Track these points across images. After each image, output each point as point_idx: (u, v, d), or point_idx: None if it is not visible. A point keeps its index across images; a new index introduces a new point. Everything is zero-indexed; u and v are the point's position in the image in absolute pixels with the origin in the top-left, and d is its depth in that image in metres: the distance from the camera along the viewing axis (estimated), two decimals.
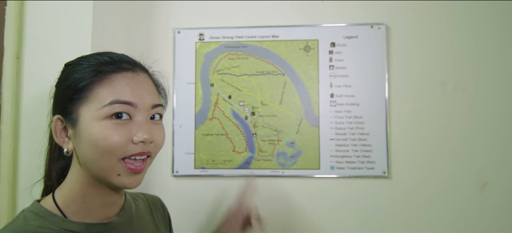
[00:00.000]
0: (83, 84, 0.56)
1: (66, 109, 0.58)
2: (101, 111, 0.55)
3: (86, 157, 0.57)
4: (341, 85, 1.13)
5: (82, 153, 0.57)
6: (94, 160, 0.56)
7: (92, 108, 0.56)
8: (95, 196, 0.60)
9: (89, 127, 0.55)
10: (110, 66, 0.58)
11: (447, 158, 1.10)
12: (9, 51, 0.97)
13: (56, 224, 0.56)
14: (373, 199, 1.11)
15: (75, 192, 0.59)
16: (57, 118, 0.58)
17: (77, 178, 0.59)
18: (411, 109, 1.12)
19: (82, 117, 0.56)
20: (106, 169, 0.56)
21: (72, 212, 0.58)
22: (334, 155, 1.12)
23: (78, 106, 0.56)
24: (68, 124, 0.58)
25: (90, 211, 0.60)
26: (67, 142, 0.59)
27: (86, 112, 0.56)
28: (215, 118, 1.15)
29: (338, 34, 1.14)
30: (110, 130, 0.55)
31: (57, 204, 0.58)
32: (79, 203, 0.59)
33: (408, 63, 1.12)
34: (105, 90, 0.56)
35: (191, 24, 1.17)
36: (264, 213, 1.13)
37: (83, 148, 0.56)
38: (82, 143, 0.56)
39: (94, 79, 0.57)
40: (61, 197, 0.59)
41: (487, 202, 1.09)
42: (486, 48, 1.11)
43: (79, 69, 0.58)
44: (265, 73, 1.14)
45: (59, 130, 0.59)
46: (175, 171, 1.15)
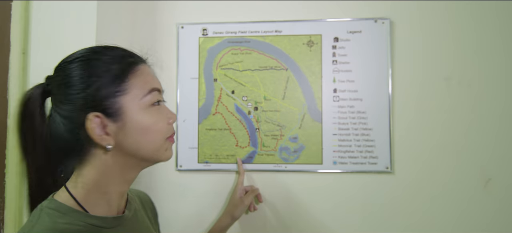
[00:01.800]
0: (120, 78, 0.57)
1: (103, 105, 0.56)
2: (144, 100, 0.59)
3: (135, 145, 0.58)
4: (344, 80, 1.13)
5: (129, 143, 0.58)
6: (145, 145, 0.59)
7: (134, 98, 0.58)
8: (117, 184, 0.61)
9: (139, 117, 0.58)
10: (131, 58, 0.61)
11: (451, 153, 1.10)
12: (15, 47, 0.98)
13: (80, 220, 0.55)
14: (375, 194, 1.11)
15: (98, 184, 0.58)
16: (95, 116, 0.56)
17: (104, 170, 0.58)
18: (415, 104, 1.11)
19: (127, 109, 0.57)
20: (157, 150, 0.61)
21: (91, 206, 0.58)
22: (337, 150, 1.12)
23: (118, 99, 0.57)
24: (109, 119, 0.56)
25: (108, 203, 0.60)
26: (107, 139, 0.57)
27: (129, 103, 0.57)
28: (218, 113, 1.16)
29: (341, 29, 1.14)
30: (156, 116, 0.61)
31: (76, 200, 0.57)
32: (99, 195, 0.59)
33: (412, 58, 1.12)
34: (139, 80, 0.59)
35: (195, 19, 1.18)
36: (267, 207, 1.15)
37: (132, 137, 0.58)
38: (130, 134, 0.58)
39: (128, 70, 0.59)
40: (80, 192, 0.58)
41: (491, 198, 1.08)
42: (491, 43, 1.10)
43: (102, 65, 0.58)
44: (268, 68, 1.15)
45: (99, 127, 0.57)
46: (179, 166, 1.16)
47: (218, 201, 1.16)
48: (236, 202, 1.06)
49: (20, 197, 0.96)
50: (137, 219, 0.68)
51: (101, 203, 0.59)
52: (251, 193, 1.09)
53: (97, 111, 0.56)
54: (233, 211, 1.05)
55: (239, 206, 1.05)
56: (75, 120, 0.56)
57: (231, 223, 1.06)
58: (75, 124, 0.56)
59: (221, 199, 1.16)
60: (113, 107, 0.56)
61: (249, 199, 1.07)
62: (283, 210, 1.14)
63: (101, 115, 0.56)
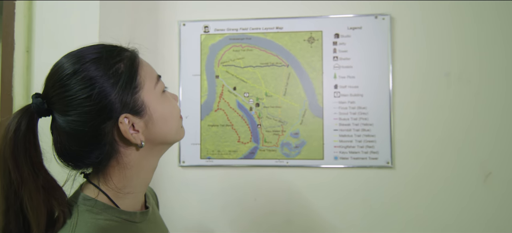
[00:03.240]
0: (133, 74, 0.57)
1: (128, 104, 0.55)
2: (157, 89, 0.60)
3: (162, 133, 0.60)
4: (345, 76, 1.14)
5: (157, 132, 0.59)
6: (170, 130, 0.61)
7: (149, 89, 0.58)
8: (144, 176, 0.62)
9: (160, 106, 0.59)
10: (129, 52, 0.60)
11: (451, 148, 1.11)
12: (19, 45, 1.00)
13: (117, 216, 0.56)
14: (376, 189, 1.13)
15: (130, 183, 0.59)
16: (125, 116, 0.55)
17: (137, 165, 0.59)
18: (415, 99, 1.12)
19: (148, 102, 0.58)
20: (177, 131, 0.63)
21: (121, 202, 0.58)
22: (338, 146, 1.13)
23: (138, 95, 0.57)
24: (135, 117, 0.56)
25: (135, 199, 0.61)
26: (138, 136, 0.57)
27: (147, 95, 0.58)
28: (220, 109, 1.17)
29: (342, 25, 1.14)
30: (169, 101, 0.62)
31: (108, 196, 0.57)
32: (129, 192, 0.59)
33: (412, 54, 1.13)
34: (146, 71, 0.59)
35: (196, 17, 1.18)
36: (269, 202, 1.16)
37: (158, 127, 0.59)
38: (157, 123, 0.59)
39: (135, 64, 0.58)
40: (110, 188, 0.57)
41: (491, 192, 1.09)
42: (491, 39, 1.10)
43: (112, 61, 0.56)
44: (270, 65, 1.15)
45: (130, 127, 0.56)
46: (182, 161, 1.18)
47: (221, 196, 1.17)
48: None
49: None
50: (154, 212, 0.70)
51: (129, 199, 0.60)
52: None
53: (125, 112, 0.55)
54: None
55: None
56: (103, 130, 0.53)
57: None
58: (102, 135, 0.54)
59: (223, 194, 1.17)
60: (137, 104, 0.56)
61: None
62: (285, 205, 1.15)
63: (129, 115, 0.55)
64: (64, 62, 0.55)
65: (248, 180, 1.16)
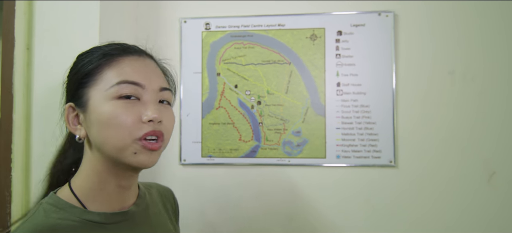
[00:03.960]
0: (91, 67, 0.58)
1: (76, 94, 0.58)
2: (110, 91, 0.55)
3: (99, 139, 0.56)
4: (348, 74, 1.13)
5: (95, 136, 0.56)
6: (107, 141, 0.55)
7: (100, 89, 0.56)
8: (111, 180, 0.59)
9: (99, 108, 0.55)
10: (118, 51, 0.60)
11: (455, 147, 1.09)
12: (19, 42, 0.99)
13: (76, 216, 0.55)
14: (379, 188, 1.11)
15: (91, 180, 0.59)
16: (69, 106, 0.59)
17: (92, 165, 0.59)
18: (419, 98, 1.11)
19: (92, 100, 0.56)
20: (121, 149, 0.55)
21: (91, 201, 0.58)
22: (340, 144, 1.12)
23: (87, 89, 0.57)
24: (79, 110, 0.58)
25: (108, 199, 0.59)
26: (79, 129, 0.59)
27: (95, 94, 0.56)
28: (221, 107, 1.16)
29: (345, 22, 1.13)
30: (119, 109, 0.55)
31: (75, 195, 0.58)
32: (96, 191, 0.59)
33: (416, 51, 1.11)
34: (113, 71, 0.57)
35: (197, 14, 1.17)
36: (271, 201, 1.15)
37: (95, 130, 0.56)
38: (93, 125, 0.56)
39: (102, 62, 0.58)
40: (78, 187, 0.59)
41: (495, 192, 1.08)
42: (495, 36, 1.09)
43: (88, 56, 0.60)
44: (271, 62, 1.14)
45: (72, 117, 0.59)
46: (183, 160, 1.17)
47: (222, 195, 1.16)
48: None
49: (26, 191, 0.98)
50: (148, 213, 0.67)
51: (100, 199, 0.59)
52: None
53: (72, 101, 0.59)
54: None
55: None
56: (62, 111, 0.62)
57: None
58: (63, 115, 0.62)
59: (225, 192, 1.16)
60: (82, 97, 0.58)
61: None
62: (287, 204, 1.14)
63: (73, 105, 0.59)
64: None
65: (249, 178, 1.16)
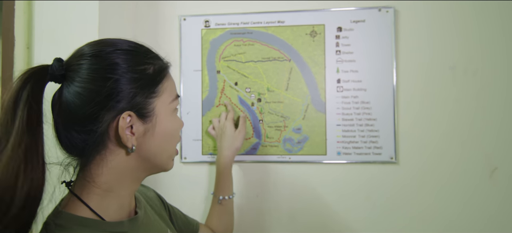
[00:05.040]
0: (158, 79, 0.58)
1: (139, 104, 0.54)
2: (171, 105, 0.60)
3: (156, 149, 0.58)
4: (348, 70, 1.12)
5: (151, 146, 0.57)
6: (165, 151, 0.60)
7: (164, 102, 0.58)
8: (132, 187, 0.60)
9: (167, 120, 0.59)
10: (164, 61, 0.61)
11: (456, 143, 1.09)
12: (19, 41, 0.99)
13: (100, 229, 0.53)
14: (380, 184, 1.11)
15: (112, 188, 0.56)
16: (128, 114, 0.53)
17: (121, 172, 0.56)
18: (419, 93, 1.10)
19: (158, 112, 0.57)
20: (169, 157, 0.62)
21: (105, 211, 0.55)
22: (341, 141, 1.12)
23: (152, 100, 0.56)
24: (140, 120, 0.55)
25: (121, 206, 0.59)
26: (131, 139, 0.54)
27: (160, 106, 0.57)
28: (222, 104, 1.16)
29: (345, 19, 1.12)
30: (178, 122, 0.62)
31: (90, 208, 0.54)
32: (112, 199, 0.57)
33: (417, 47, 1.10)
34: (169, 84, 0.60)
35: (197, 11, 1.17)
36: (271, 199, 1.15)
37: (156, 141, 0.57)
38: (156, 136, 0.57)
39: (163, 73, 0.59)
40: (93, 198, 0.55)
41: (497, 188, 1.07)
42: (497, 31, 1.08)
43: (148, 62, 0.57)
44: (271, 59, 1.14)
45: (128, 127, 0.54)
46: (183, 158, 1.17)
47: None
48: (234, 135, 1.04)
49: None
50: (148, 215, 0.68)
51: (114, 207, 0.57)
52: (243, 120, 1.09)
53: (131, 110, 0.53)
54: (235, 144, 1.03)
55: (238, 137, 1.04)
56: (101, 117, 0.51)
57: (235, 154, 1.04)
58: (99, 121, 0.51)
59: None
60: (147, 108, 0.55)
61: (244, 126, 1.08)
62: (287, 200, 1.14)
63: (133, 114, 0.54)
64: (97, 43, 0.56)
65: (250, 176, 1.16)
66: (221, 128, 1.06)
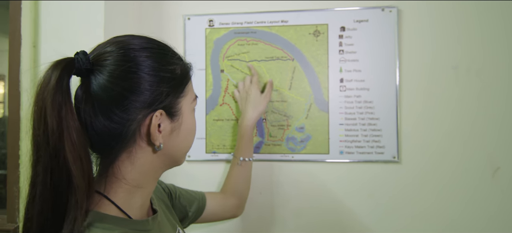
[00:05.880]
0: (185, 80, 0.60)
1: (170, 103, 0.56)
2: (192, 105, 0.63)
3: (180, 146, 0.61)
4: (351, 70, 1.13)
5: (176, 143, 0.59)
6: (185, 147, 0.63)
7: (188, 101, 0.61)
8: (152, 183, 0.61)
9: (190, 119, 0.62)
10: (186, 61, 0.63)
11: (458, 143, 1.09)
12: (26, 40, 1.01)
13: (130, 228, 0.54)
14: (382, 183, 1.12)
15: (138, 185, 0.57)
16: (160, 113, 0.54)
17: (147, 170, 0.57)
18: (422, 93, 1.11)
19: (183, 111, 0.60)
20: (186, 153, 0.65)
21: (131, 209, 0.56)
22: (344, 140, 1.13)
23: (181, 100, 0.59)
24: (168, 118, 0.56)
25: (143, 205, 0.60)
26: (159, 137, 0.55)
27: (185, 106, 0.60)
28: (225, 103, 1.17)
29: (348, 18, 1.13)
30: (195, 120, 0.65)
31: (118, 207, 0.54)
32: (137, 197, 0.57)
33: (420, 46, 1.11)
34: (191, 86, 0.63)
35: (201, 11, 1.18)
36: (274, 197, 1.16)
37: (182, 138, 0.60)
38: (181, 134, 0.60)
39: (189, 74, 0.62)
40: (121, 197, 0.55)
41: (499, 187, 1.08)
42: (500, 30, 1.08)
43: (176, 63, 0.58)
44: (275, 59, 1.15)
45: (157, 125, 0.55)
46: (187, 156, 1.18)
47: None
48: (259, 99, 1.05)
49: None
50: (161, 212, 0.69)
51: (137, 205, 0.58)
52: (270, 86, 1.10)
53: (163, 109, 0.55)
54: (258, 107, 1.04)
55: (263, 101, 1.05)
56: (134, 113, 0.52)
57: (258, 118, 1.05)
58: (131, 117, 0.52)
59: None
60: (176, 107, 0.58)
61: (270, 91, 1.09)
62: (290, 199, 1.15)
63: (164, 113, 0.55)
64: (122, 40, 0.55)
65: (253, 174, 1.16)
66: (246, 91, 1.07)
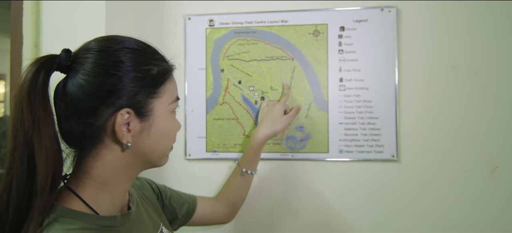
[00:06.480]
0: (161, 80, 0.59)
1: (139, 102, 0.56)
2: (170, 107, 0.61)
3: (150, 148, 0.60)
4: (351, 69, 1.13)
5: (147, 144, 0.59)
6: (159, 149, 0.62)
7: (163, 103, 0.60)
8: (126, 182, 0.61)
9: (164, 121, 0.60)
10: (168, 63, 0.62)
11: (458, 142, 1.10)
12: (28, 40, 1.01)
13: (93, 223, 0.54)
14: (381, 182, 1.12)
15: (106, 183, 0.57)
16: (127, 111, 0.55)
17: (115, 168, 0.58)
18: (421, 92, 1.11)
19: (156, 112, 0.59)
20: (164, 155, 0.64)
21: (99, 206, 0.56)
22: (343, 139, 1.13)
23: (152, 100, 0.58)
24: (138, 118, 0.56)
25: (113, 202, 0.60)
26: (126, 135, 0.55)
27: (159, 106, 0.59)
28: (225, 103, 1.17)
29: (347, 18, 1.13)
30: (175, 123, 0.64)
31: (85, 202, 0.55)
32: (106, 194, 0.58)
33: (419, 46, 1.11)
34: (171, 86, 0.62)
35: (201, 10, 1.19)
36: (274, 195, 1.17)
37: (152, 139, 0.59)
38: (152, 135, 0.59)
39: (166, 75, 0.60)
40: (88, 192, 0.56)
41: (498, 186, 1.08)
42: (500, 30, 1.09)
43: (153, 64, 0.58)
44: (274, 58, 1.15)
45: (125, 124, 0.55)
46: (188, 155, 1.19)
47: None
48: (280, 118, 1.04)
49: None
50: (140, 210, 0.69)
51: (107, 202, 0.58)
52: (296, 111, 1.09)
53: (130, 107, 0.55)
54: (275, 126, 1.03)
55: (282, 121, 1.04)
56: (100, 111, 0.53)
57: (271, 136, 1.04)
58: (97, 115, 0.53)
59: None
60: (146, 107, 0.57)
61: (294, 116, 1.08)
62: (290, 198, 1.16)
63: (132, 112, 0.55)
64: (106, 39, 0.58)
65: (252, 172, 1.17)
66: (271, 107, 1.08)
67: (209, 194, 1.19)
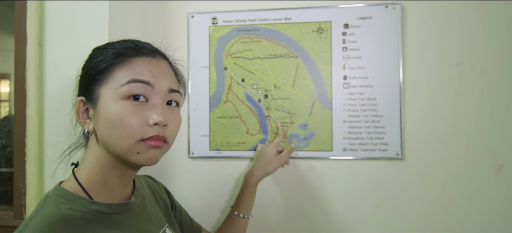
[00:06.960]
0: (104, 66, 0.59)
1: (88, 90, 0.61)
2: (120, 90, 0.57)
3: (105, 137, 0.58)
4: (355, 67, 1.13)
5: (101, 133, 0.59)
6: (113, 140, 0.57)
7: (111, 88, 0.58)
8: (114, 175, 0.62)
9: (108, 107, 0.57)
10: (131, 50, 0.61)
11: (462, 140, 1.09)
12: (31, 39, 1.02)
13: (85, 206, 0.57)
14: (386, 180, 1.12)
15: (96, 173, 0.61)
16: (80, 100, 0.62)
17: (97, 158, 0.61)
18: (426, 90, 1.10)
19: (102, 97, 0.58)
20: (124, 149, 0.57)
21: (95, 193, 0.60)
22: (347, 137, 1.13)
23: (99, 86, 0.59)
24: (90, 105, 0.61)
25: (110, 192, 0.62)
26: (88, 123, 0.61)
27: (105, 92, 0.58)
28: (229, 101, 1.17)
29: (351, 15, 1.13)
30: (127, 111, 0.56)
31: (82, 186, 0.59)
32: (100, 184, 0.60)
33: (424, 43, 1.10)
34: (124, 71, 0.58)
35: (205, 8, 1.18)
36: (278, 194, 1.17)
37: (102, 128, 0.58)
38: (100, 123, 0.58)
39: (115, 61, 0.59)
40: (84, 179, 0.60)
41: (503, 184, 1.07)
42: (506, 27, 1.07)
43: (103, 53, 0.61)
44: (278, 56, 1.15)
45: (82, 111, 0.62)
46: (191, 153, 1.19)
47: (230, 187, 1.18)
48: (272, 159, 1.05)
49: (40, 183, 1.01)
50: (145, 205, 0.70)
51: (103, 191, 0.61)
52: (289, 151, 1.09)
53: (83, 95, 0.62)
54: (268, 167, 1.03)
55: (274, 162, 1.04)
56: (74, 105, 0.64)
57: (264, 177, 1.05)
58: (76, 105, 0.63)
59: (232, 185, 1.18)
60: (94, 93, 0.60)
61: (287, 156, 1.08)
62: (294, 196, 1.16)
63: (84, 99, 0.61)
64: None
65: None
66: (264, 148, 1.08)
67: (212, 192, 1.19)
